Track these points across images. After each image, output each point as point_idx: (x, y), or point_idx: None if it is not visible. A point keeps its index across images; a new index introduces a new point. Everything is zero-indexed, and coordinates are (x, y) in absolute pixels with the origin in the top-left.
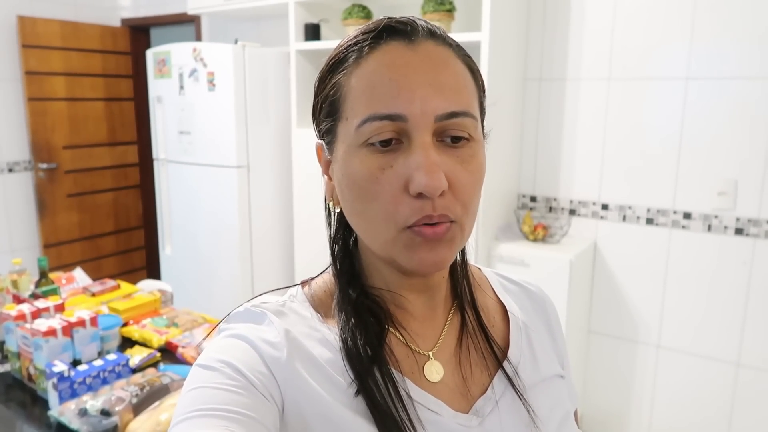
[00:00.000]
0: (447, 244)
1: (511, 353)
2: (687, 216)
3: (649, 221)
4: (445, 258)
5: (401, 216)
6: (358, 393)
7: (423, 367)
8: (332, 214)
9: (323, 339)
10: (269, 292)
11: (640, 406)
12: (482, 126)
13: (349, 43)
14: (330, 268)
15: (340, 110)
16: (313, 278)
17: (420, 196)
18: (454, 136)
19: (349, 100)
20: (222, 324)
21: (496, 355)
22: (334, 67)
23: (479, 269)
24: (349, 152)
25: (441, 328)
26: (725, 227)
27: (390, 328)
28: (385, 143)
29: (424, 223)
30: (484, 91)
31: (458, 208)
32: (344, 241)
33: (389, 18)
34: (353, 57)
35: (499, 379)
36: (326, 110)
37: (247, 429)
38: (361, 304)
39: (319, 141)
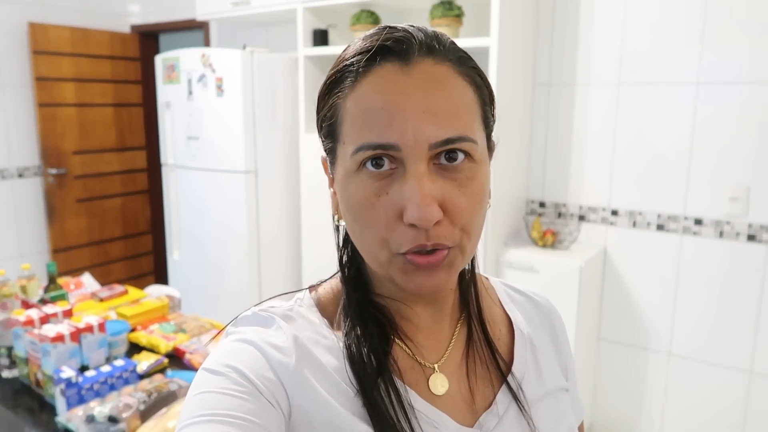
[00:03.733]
0: (445, 269)
1: (516, 367)
2: (698, 222)
3: (660, 227)
4: (443, 282)
5: (395, 242)
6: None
7: (428, 380)
8: (339, 224)
9: (331, 346)
10: (277, 296)
11: (651, 414)
12: (488, 140)
13: (345, 63)
14: (338, 275)
15: (337, 133)
16: (320, 283)
17: (413, 226)
18: (450, 155)
19: (345, 124)
20: (229, 327)
21: (501, 369)
22: (331, 87)
23: (487, 279)
24: (346, 177)
25: (448, 340)
26: (737, 233)
27: (395, 339)
28: (378, 165)
29: (417, 251)
30: (491, 104)
31: (456, 233)
32: (352, 249)
33: (387, 30)
34: (348, 79)
35: (503, 394)
36: (326, 131)
37: None
38: (367, 312)
39: (324, 155)
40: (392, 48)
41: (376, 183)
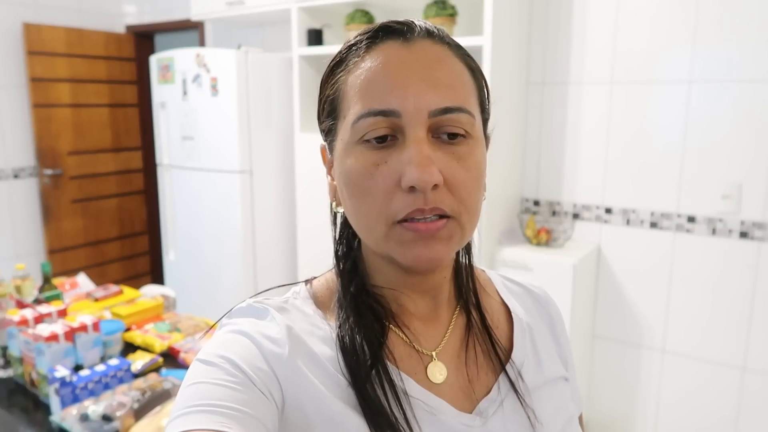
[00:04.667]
0: (444, 241)
1: (515, 354)
2: (691, 219)
3: (653, 225)
4: (441, 255)
5: (392, 210)
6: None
7: (426, 368)
8: (337, 215)
9: (325, 337)
10: (273, 288)
11: (645, 410)
12: (485, 126)
13: (349, 44)
14: (334, 268)
15: (339, 109)
16: (316, 277)
17: (412, 189)
18: (450, 132)
19: (346, 98)
20: (224, 319)
21: (500, 357)
22: (334, 68)
23: (483, 271)
24: (346, 149)
25: (445, 329)
26: (730, 231)
27: (392, 327)
28: (380, 140)
29: (415, 217)
30: (486, 91)
31: (455, 204)
32: (348, 242)
33: (388, 20)
34: (351, 57)
35: (503, 381)
36: (327, 110)
37: (243, 426)
38: (362, 302)
39: (323, 143)
40: (394, 27)
41: (375, 153)
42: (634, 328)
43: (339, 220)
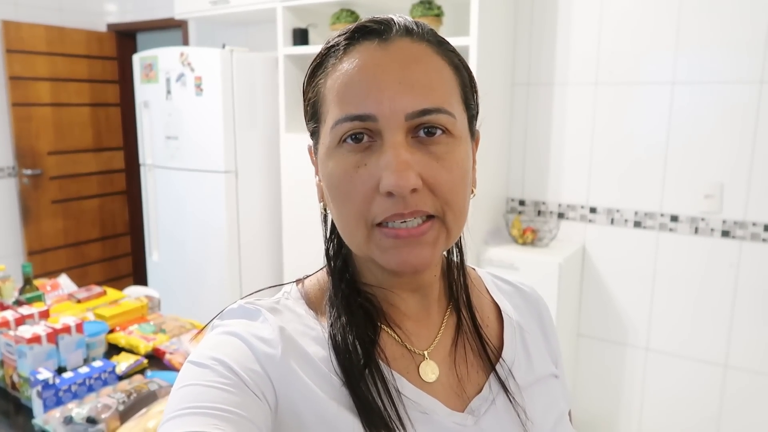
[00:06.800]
0: (429, 245)
1: (506, 353)
2: (674, 219)
3: (637, 224)
4: (426, 260)
5: (372, 214)
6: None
7: (418, 367)
8: (327, 214)
9: (317, 337)
10: (264, 289)
11: (629, 408)
12: (471, 122)
13: (327, 46)
14: (325, 267)
15: (320, 113)
16: (307, 276)
17: (391, 194)
18: (428, 128)
19: (326, 102)
20: (216, 320)
21: (491, 356)
22: (315, 71)
23: (474, 269)
24: (327, 153)
25: (437, 328)
26: (712, 230)
27: (384, 326)
28: (358, 139)
29: (395, 222)
30: (472, 88)
31: (438, 204)
32: (338, 240)
33: (368, 18)
34: (330, 59)
35: (494, 380)
36: (310, 114)
37: (236, 428)
38: (353, 302)
39: (310, 144)
40: (371, 27)
41: (355, 155)
42: (618, 326)
43: (329, 219)
